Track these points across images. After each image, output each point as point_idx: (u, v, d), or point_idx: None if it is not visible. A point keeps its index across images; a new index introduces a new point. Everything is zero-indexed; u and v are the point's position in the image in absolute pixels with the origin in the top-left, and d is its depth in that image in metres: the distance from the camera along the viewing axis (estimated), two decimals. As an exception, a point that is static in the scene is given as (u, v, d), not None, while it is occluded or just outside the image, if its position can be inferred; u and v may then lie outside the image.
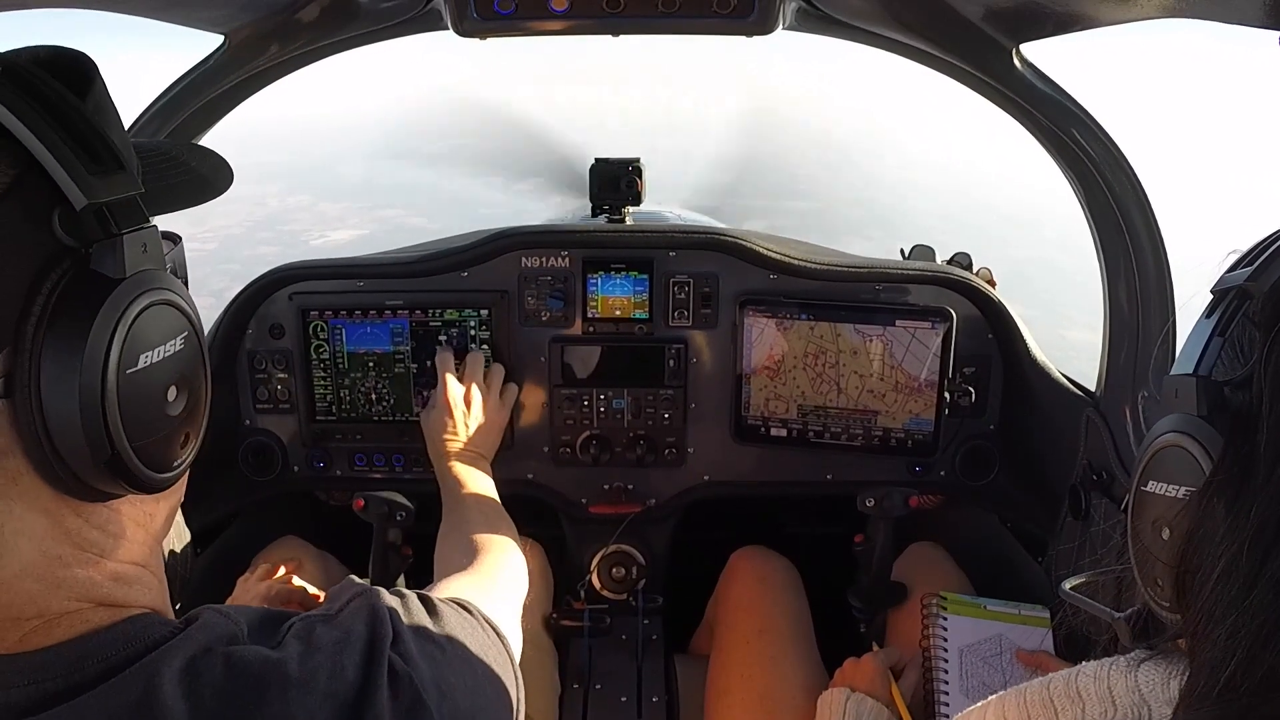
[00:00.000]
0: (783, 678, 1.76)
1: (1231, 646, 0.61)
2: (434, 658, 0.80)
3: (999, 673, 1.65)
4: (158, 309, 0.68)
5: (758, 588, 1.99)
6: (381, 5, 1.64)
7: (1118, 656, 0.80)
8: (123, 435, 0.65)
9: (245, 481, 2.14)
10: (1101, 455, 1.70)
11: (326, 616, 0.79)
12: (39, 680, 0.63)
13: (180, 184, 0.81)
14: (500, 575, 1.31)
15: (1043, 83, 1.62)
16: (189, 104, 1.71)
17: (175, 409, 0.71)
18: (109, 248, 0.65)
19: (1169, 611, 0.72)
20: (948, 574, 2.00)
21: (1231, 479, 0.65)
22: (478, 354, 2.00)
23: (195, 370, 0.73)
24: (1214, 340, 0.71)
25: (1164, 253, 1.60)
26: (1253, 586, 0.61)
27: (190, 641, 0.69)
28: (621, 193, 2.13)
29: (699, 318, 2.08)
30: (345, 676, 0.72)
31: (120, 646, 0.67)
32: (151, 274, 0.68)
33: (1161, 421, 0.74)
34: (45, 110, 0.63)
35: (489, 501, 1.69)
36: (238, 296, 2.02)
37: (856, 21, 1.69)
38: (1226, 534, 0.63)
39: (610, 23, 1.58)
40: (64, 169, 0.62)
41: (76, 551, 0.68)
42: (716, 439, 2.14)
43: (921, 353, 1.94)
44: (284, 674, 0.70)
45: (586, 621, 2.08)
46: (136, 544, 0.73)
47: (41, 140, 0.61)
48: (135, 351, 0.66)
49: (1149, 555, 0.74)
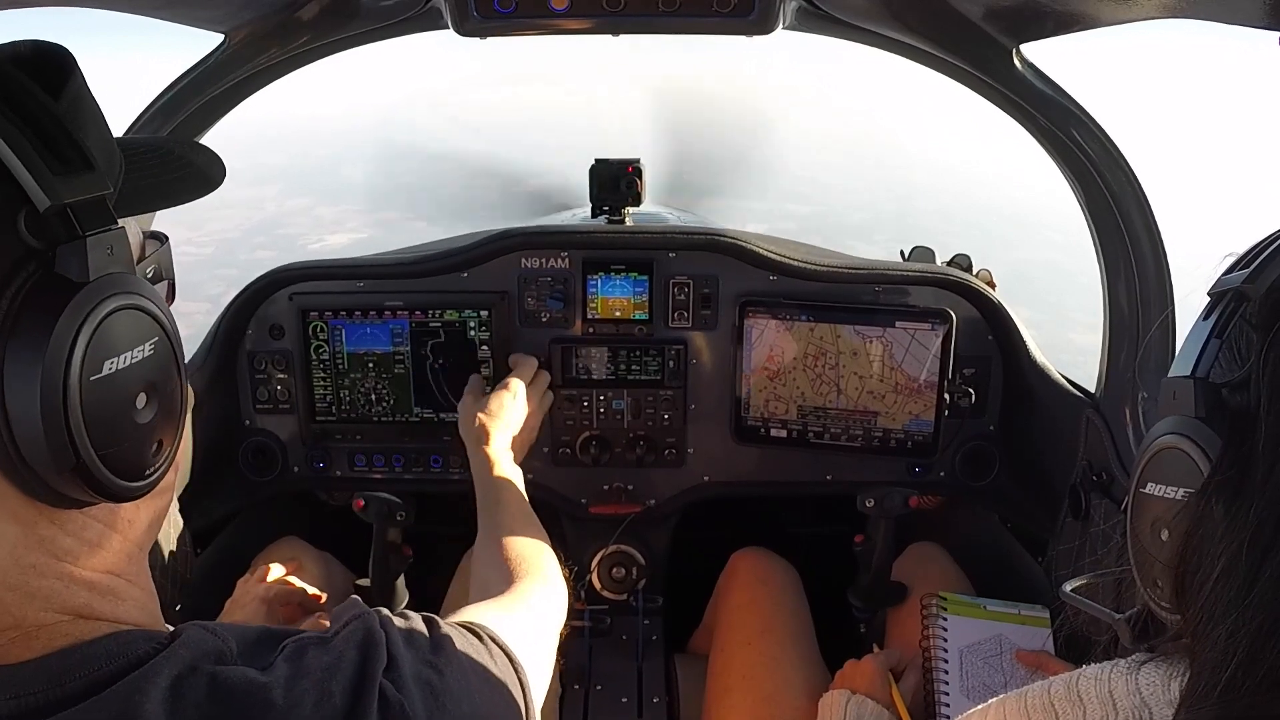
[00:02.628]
0: (784, 678, 1.76)
1: (1231, 646, 0.61)
2: (430, 683, 0.78)
3: (999, 673, 1.65)
4: (124, 314, 0.66)
5: (758, 588, 1.99)
6: (381, 4, 1.65)
7: (1118, 659, 0.80)
8: (88, 443, 0.63)
9: (245, 481, 2.14)
10: (1101, 456, 1.70)
11: (321, 639, 0.77)
12: (20, 695, 0.62)
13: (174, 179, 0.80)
14: (530, 600, 1.23)
15: (1042, 83, 1.62)
16: (189, 103, 1.71)
17: (145, 416, 0.69)
18: (73, 250, 0.63)
19: (1169, 612, 0.72)
20: (948, 574, 2.00)
21: (1229, 480, 0.65)
22: (531, 358, 2.00)
23: (167, 376, 0.71)
24: (1211, 342, 0.71)
25: (1163, 253, 1.60)
26: (1252, 586, 0.61)
27: (175, 659, 0.67)
28: (621, 193, 2.13)
29: (699, 319, 2.08)
30: (332, 703, 0.70)
31: (104, 662, 0.65)
32: (118, 277, 0.66)
33: (1160, 423, 0.74)
34: (11, 109, 0.62)
35: (529, 514, 1.59)
36: (238, 297, 2.03)
37: (857, 21, 1.69)
38: (1225, 534, 0.63)
39: (610, 22, 1.58)
40: (27, 169, 0.60)
41: (51, 560, 0.66)
42: (716, 439, 2.14)
43: (921, 354, 1.94)
44: (268, 700, 0.68)
45: (586, 622, 2.08)
46: (114, 552, 0.71)
47: (5, 139, 0.60)
48: (99, 358, 0.64)
49: (1148, 556, 0.74)
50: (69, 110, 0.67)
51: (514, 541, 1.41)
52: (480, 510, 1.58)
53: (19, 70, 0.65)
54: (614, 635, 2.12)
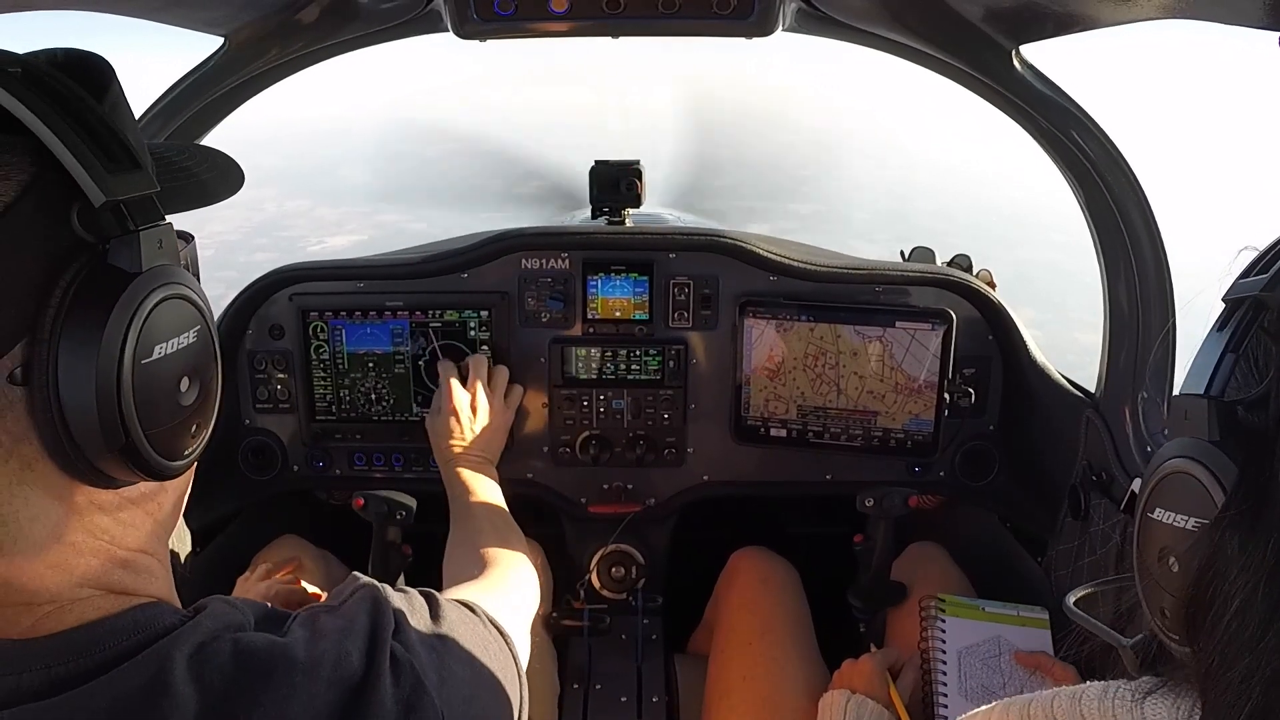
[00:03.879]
0: (784, 678, 1.76)
1: (1245, 691, 0.57)
2: (434, 647, 0.82)
3: (998, 674, 1.65)
4: (172, 303, 0.70)
5: (758, 588, 1.99)
6: (382, 6, 1.65)
7: (1123, 681, 0.76)
8: (136, 423, 0.66)
9: (245, 481, 2.15)
10: (1101, 456, 1.70)
11: (330, 608, 0.81)
12: (50, 665, 0.65)
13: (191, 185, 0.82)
14: (509, 585, 1.30)
15: (1042, 84, 1.62)
16: (189, 106, 1.71)
17: (188, 399, 0.72)
18: (125, 243, 0.66)
19: (1177, 644, 0.67)
20: (947, 574, 2.00)
21: (1246, 512, 0.60)
22: (480, 356, 1.99)
23: (207, 362, 0.75)
24: (1227, 356, 0.66)
25: (1163, 253, 1.60)
26: (1268, 628, 0.57)
27: (199, 629, 0.71)
28: (621, 194, 2.13)
29: (699, 319, 2.08)
30: (350, 663, 0.74)
31: (131, 633, 0.69)
32: (166, 269, 0.69)
33: (1169, 445, 0.69)
34: (64, 110, 0.64)
35: (498, 510, 1.67)
36: (238, 297, 2.03)
37: (856, 22, 1.69)
38: (1241, 571, 0.59)
39: (610, 24, 1.58)
40: (83, 167, 0.63)
41: (88, 538, 0.69)
42: (716, 439, 2.14)
43: (921, 354, 1.94)
44: (290, 658, 0.71)
45: (586, 621, 2.08)
46: (145, 532, 0.75)
47: (61, 139, 0.63)
48: (150, 343, 0.67)
49: (1155, 585, 0.70)
50: (112, 110, 0.70)
51: (486, 538, 1.49)
52: (452, 512, 1.64)
53: (63, 74, 0.68)
54: (613, 635, 2.12)
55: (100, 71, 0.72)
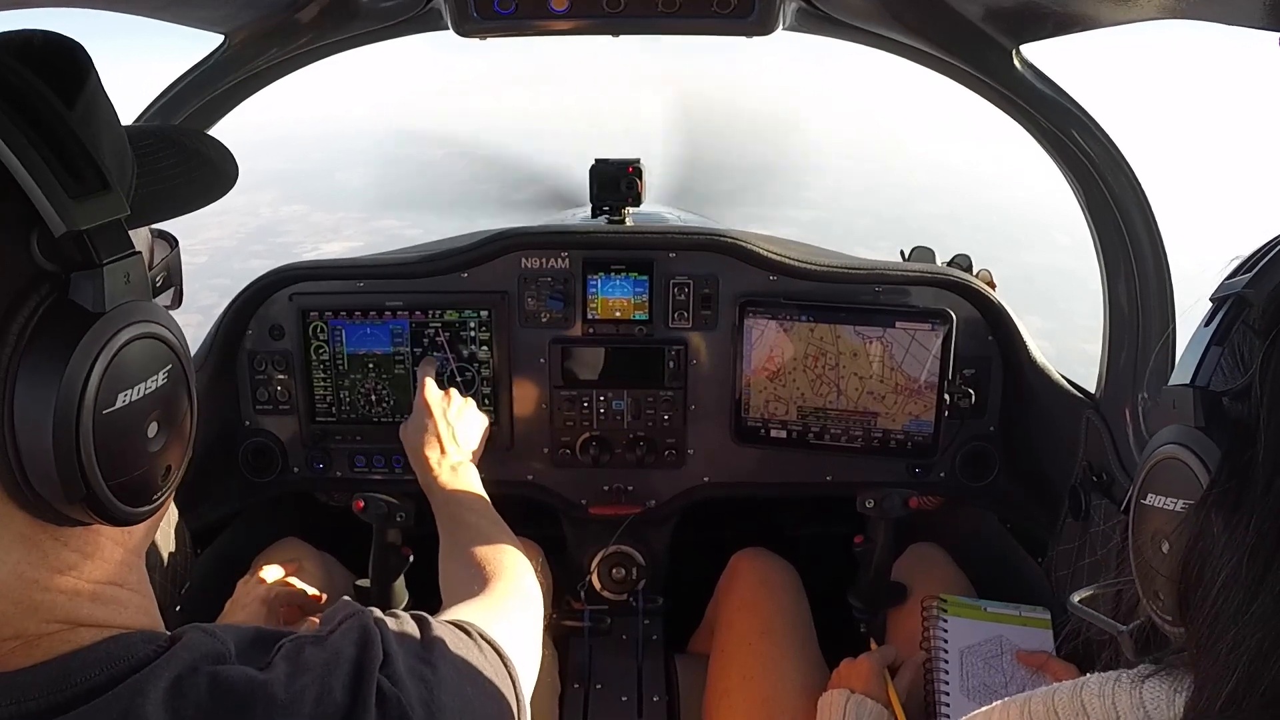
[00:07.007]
0: (784, 679, 1.76)
1: (1233, 661, 0.60)
2: (424, 678, 0.78)
3: (1000, 674, 1.65)
4: (140, 344, 0.64)
5: (759, 589, 1.99)
6: (381, 5, 1.65)
7: (1123, 670, 0.79)
8: (98, 475, 0.62)
9: (245, 482, 2.14)
10: (1101, 456, 1.70)
11: (317, 638, 0.77)
12: (20, 700, 0.61)
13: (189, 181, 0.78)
14: (509, 597, 1.21)
15: (1043, 84, 1.62)
16: (189, 103, 1.71)
17: (156, 445, 0.68)
18: (89, 277, 0.61)
19: (1172, 625, 0.71)
20: (948, 574, 2.00)
21: (1229, 491, 0.64)
22: (431, 358, 1.96)
23: (179, 401, 0.70)
24: (1212, 349, 0.70)
25: (1164, 254, 1.60)
26: (1253, 600, 0.60)
27: (175, 661, 0.67)
28: (621, 194, 2.13)
29: (699, 319, 2.08)
30: (333, 699, 0.70)
31: (104, 666, 0.65)
32: (133, 306, 0.64)
33: (1160, 433, 0.73)
34: (27, 121, 0.59)
35: (486, 514, 1.53)
36: (238, 297, 2.02)
37: (856, 22, 1.69)
38: (1225, 547, 0.62)
39: (610, 23, 1.58)
40: (42, 192, 0.58)
41: (53, 575, 0.66)
42: (716, 440, 2.14)
43: (921, 354, 1.94)
44: (269, 695, 0.68)
45: (586, 622, 2.08)
46: (114, 563, 0.71)
47: (20, 157, 0.57)
48: (114, 391, 0.62)
49: (1149, 568, 0.73)
50: (84, 117, 0.65)
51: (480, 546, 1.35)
52: (438, 520, 1.51)
53: (32, 72, 0.63)
54: (614, 635, 2.12)
55: (75, 64, 0.67)
